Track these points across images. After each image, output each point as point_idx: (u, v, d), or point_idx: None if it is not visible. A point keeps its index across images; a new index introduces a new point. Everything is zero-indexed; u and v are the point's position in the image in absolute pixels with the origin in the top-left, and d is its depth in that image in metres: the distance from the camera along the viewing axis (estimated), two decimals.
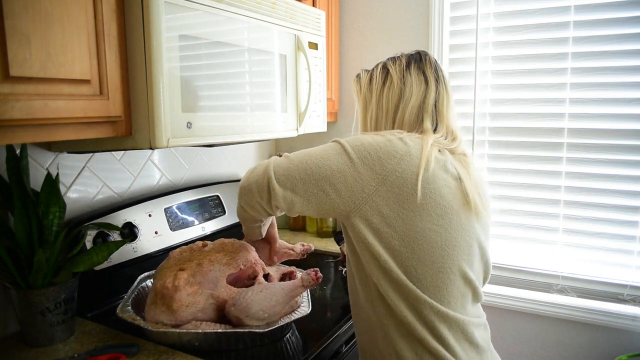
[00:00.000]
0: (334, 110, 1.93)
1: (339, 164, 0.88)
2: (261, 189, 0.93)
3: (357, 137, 0.93)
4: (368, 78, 1.05)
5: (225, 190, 1.67)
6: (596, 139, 1.57)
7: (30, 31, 0.77)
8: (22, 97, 0.77)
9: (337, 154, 0.89)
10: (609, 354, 1.59)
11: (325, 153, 0.91)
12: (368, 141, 0.90)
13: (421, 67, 1.00)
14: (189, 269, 1.07)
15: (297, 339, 1.11)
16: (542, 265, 1.68)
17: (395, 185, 0.85)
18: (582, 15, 1.55)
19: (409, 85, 0.99)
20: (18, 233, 1.00)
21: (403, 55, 1.04)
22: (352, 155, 0.88)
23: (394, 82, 1.00)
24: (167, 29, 0.97)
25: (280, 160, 0.95)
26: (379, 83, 1.02)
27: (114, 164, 1.37)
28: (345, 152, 0.89)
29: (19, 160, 1.02)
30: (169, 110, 0.99)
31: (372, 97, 1.02)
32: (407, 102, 0.98)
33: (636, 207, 1.54)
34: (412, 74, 1.00)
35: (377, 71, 1.03)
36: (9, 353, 1.03)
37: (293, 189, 0.90)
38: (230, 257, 1.11)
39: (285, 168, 0.92)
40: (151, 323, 1.03)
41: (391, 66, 1.02)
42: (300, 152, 0.95)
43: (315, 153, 0.92)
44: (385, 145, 0.88)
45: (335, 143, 0.93)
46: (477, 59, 1.69)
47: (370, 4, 1.87)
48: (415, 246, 0.85)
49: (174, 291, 1.02)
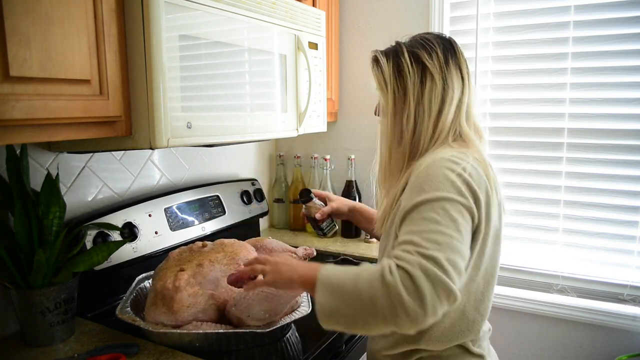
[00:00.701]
0: (334, 110, 1.93)
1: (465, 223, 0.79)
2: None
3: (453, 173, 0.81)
4: (394, 68, 0.92)
5: (225, 190, 1.67)
6: (596, 139, 1.57)
7: (30, 31, 0.77)
8: (22, 97, 0.77)
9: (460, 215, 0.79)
10: (609, 354, 1.59)
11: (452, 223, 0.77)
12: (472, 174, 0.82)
13: (457, 62, 0.92)
14: (189, 269, 1.06)
15: (297, 339, 1.11)
16: (542, 265, 1.68)
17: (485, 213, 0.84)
18: (582, 15, 1.55)
19: (451, 85, 0.90)
20: (18, 233, 1.00)
21: (434, 42, 0.92)
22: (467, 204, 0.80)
23: (435, 81, 0.90)
24: (167, 29, 0.97)
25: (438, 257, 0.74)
26: (414, 79, 0.91)
27: (114, 164, 1.37)
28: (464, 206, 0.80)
29: (19, 160, 1.02)
30: (169, 110, 0.99)
31: (409, 96, 0.91)
32: (450, 105, 0.90)
33: (636, 207, 1.54)
34: (451, 71, 0.91)
35: (405, 61, 0.91)
36: (9, 353, 1.03)
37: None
38: (230, 258, 1.11)
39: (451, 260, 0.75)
40: (151, 324, 1.03)
41: (427, 60, 0.90)
42: (436, 236, 0.75)
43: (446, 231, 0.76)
44: (477, 177, 0.83)
45: (429, 204, 0.79)
46: (477, 59, 1.69)
47: (370, 4, 1.87)
48: (481, 269, 0.87)
49: (174, 292, 1.01)
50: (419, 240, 0.74)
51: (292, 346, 1.08)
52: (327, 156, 1.91)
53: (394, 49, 0.95)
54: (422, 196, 0.79)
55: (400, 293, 0.69)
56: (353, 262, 1.64)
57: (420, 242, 0.73)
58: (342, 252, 1.73)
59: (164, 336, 1.02)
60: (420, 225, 0.76)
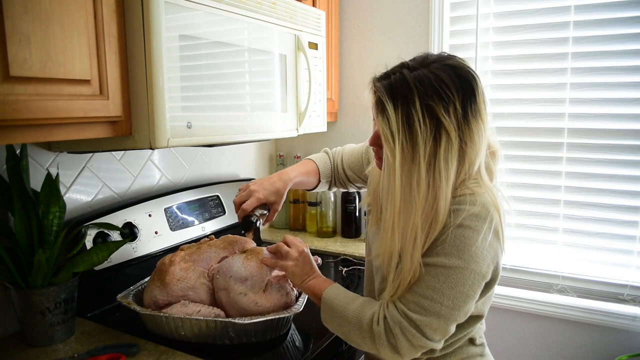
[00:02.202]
0: (334, 110, 1.93)
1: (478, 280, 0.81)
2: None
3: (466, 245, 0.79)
4: (404, 121, 0.78)
5: (225, 190, 1.67)
6: (596, 139, 1.57)
7: (30, 31, 0.77)
8: (22, 97, 0.77)
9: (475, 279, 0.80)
10: (609, 354, 1.59)
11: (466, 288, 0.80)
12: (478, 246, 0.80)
13: (477, 109, 0.80)
14: (187, 249, 1.15)
15: (297, 339, 1.11)
16: (542, 265, 1.68)
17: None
18: (582, 15, 1.55)
19: (471, 141, 0.79)
20: (18, 233, 1.00)
21: (451, 87, 0.77)
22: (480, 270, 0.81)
23: (451, 140, 0.77)
24: (167, 29, 0.97)
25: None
26: (426, 136, 0.77)
27: (114, 164, 1.37)
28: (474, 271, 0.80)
29: (19, 160, 1.02)
30: (169, 110, 0.99)
31: (420, 153, 0.77)
32: (471, 162, 0.81)
33: (636, 207, 1.54)
34: (470, 124, 0.79)
35: (418, 113, 0.77)
36: (9, 353, 1.03)
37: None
38: (227, 243, 1.18)
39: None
40: (142, 307, 1.07)
41: (443, 115, 0.76)
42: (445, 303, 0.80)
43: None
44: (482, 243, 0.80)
45: (443, 269, 0.80)
46: (477, 59, 1.69)
47: (370, 4, 1.87)
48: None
49: (169, 265, 1.09)
50: (409, 303, 0.82)
51: (292, 346, 1.08)
52: None
53: (403, 92, 0.78)
54: (450, 261, 0.80)
55: (382, 343, 0.83)
56: (353, 261, 1.65)
57: (412, 306, 0.82)
58: (342, 253, 1.73)
59: (151, 319, 1.04)
60: (420, 289, 0.82)
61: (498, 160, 0.90)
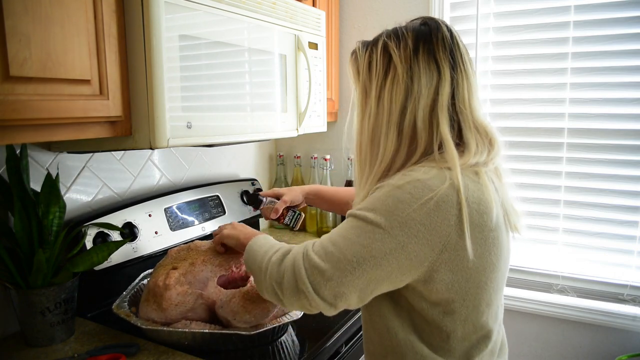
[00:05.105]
0: (334, 110, 1.93)
1: (385, 254, 0.71)
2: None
3: (385, 202, 0.72)
4: (367, 61, 0.83)
5: (225, 190, 1.67)
6: (596, 139, 1.57)
7: (30, 31, 0.77)
8: (22, 97, 0.77)
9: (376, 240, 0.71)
10: (609, 354, 1.59)
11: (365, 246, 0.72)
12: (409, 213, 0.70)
13: (432, 51, 0.78)
14: (181, 267, 1.08)
15: (297, 340, 1.11)
16: (542, 265, 1.68)
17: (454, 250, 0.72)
18: (582, 15, 1.55)
19: (417, 77, 0.78)
20: (18, 233, 1.00)
21: (409, 30, 0.81)
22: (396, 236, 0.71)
23: (398, 74, 0.78)
24: (167, 29, 0.97)
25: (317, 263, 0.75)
26: (379, 72, 0.81)
27: (114, 164, 1.37)
28: (385, 231, 0.71)
29: (19, 160, 1.02)
30: (169, 110, 0.98)
31: (372, 90, 0.82)
32: (416, 102, 0.77)
33: (636, 207, 1.54)
34: (420, 62, 0.78)
35: (377, 53, 0.82)
36: (9, 353, 1.03)
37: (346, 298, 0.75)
38: (223, 259, 1.12)
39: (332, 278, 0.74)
40: (143, 320, 1.04)
41: (394, 50, 0.79)
42: (332, 252, 0.74)
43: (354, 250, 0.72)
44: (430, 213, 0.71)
45: (364, 223, 0.73)
46: (477, 59, 1.69)
47: (370, 4, 1.87)
48: (473, 299, 0.78)
49: (164, 289, 1.03)
50: (318, 244, 0.77)
51: (291, 346, 1.08)
52: (327, 156, 1.91)
53: (375, 39, 0.85)
54: (373, 216, 0.73)
55: (271, 274, 0.80)
56: None
57: (317, 247, 0.77)
58: None
59: (154, 333, 1.02)
60: (334, 235, 0.77)
61: (496, 150, 0.84)
